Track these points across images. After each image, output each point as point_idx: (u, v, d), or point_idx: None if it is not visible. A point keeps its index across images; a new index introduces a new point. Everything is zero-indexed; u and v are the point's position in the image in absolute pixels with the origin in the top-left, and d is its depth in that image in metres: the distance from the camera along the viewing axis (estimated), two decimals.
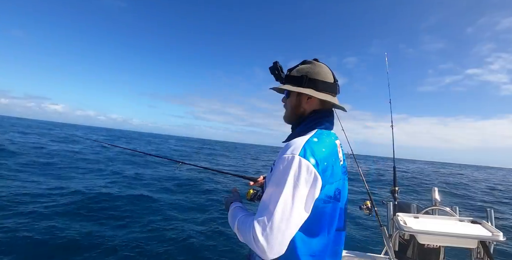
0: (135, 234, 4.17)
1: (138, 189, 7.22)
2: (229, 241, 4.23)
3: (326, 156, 0.85)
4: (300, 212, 0.77)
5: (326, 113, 1.00)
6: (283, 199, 0.75)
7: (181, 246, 3.92)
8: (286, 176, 0.77)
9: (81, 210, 4.91)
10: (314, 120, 0.97)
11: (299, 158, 0.78)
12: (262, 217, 0.75)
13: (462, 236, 1.40)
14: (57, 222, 4.22)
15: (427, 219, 1.71)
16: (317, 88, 0.95)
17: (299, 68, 1.00)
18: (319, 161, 0.80)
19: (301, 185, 0.76)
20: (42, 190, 6.00)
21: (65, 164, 10.19)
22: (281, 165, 0.80)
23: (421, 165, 45.42)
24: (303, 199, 0.77)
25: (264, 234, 0.72)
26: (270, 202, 0.77)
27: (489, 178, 23.37)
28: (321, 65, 1.00)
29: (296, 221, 0.76)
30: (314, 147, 0.83)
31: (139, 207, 5.60)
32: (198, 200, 6.73)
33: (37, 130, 31.61)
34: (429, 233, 1.44)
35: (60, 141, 19.58)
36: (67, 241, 3.65)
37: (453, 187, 13.55)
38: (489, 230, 1.45)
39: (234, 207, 1.01)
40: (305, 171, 0.77)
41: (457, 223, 1.62)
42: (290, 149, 0.82)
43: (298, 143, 0.83)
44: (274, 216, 0.73)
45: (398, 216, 1.70)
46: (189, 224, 4.87)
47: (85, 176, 8.45)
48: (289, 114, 1.05)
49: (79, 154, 13.38)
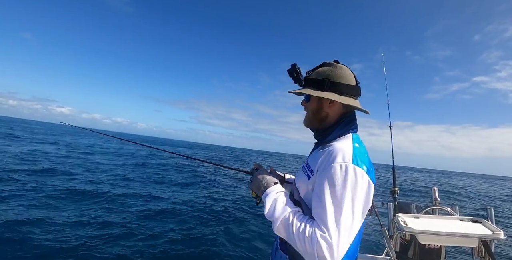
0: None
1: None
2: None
3: (369, 161, 0.84)
4: (360, 221, 0.76)
5: (353, 116, 0.98)
6: (347, 213, 0.72)
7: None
8: (345, 186, 0.73)
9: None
10: (346, 124, 0.93)
11: (353, 166, 0.75)
12: (328, 233, 0.70)
13: (463, 235, 1.40)
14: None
15: (428, 219, 1.71)
16: (339, 91, 0.92)
17: (319, 70, 0.96)
18: (369, 168, 0.79)
19: (360, 195, 0.74)
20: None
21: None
22: (335, 175, 0.75)
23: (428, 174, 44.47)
24: (362, 208, 0.76)
25: (330, 252, 0.69)
26: (331, 216, 0.72)
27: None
28: (343, 67, 0.96)
29: (356, 231, 0.75)
30: (360, 154, 0.81)
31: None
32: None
33: (92, 140, 28.92)
34: (429, 233, 1.44)
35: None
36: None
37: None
38: (489, 229, 1.45)
39: (278, 191, 0.92)
40: (361, 179, 0.75)
41: (457, 223, 1.62)
42: (340, 157, 0.78)
43: (346, 150, 0.80)
44: (341, 232, 0.70)
45: (399, 216, 1.69)
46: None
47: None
48: (310, 118, 1.00)
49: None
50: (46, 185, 6.70)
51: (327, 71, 0.94)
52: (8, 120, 75.24)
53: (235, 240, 4.51)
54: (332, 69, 0.94)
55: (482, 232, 1.42)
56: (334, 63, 0.97)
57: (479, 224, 1.56)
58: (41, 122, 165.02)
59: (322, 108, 0.96)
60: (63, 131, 41.84)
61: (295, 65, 0.98)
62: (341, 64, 0.97)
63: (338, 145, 0.83)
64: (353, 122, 0.96)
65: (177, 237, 4.30)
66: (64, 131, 42.74)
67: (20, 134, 24.09)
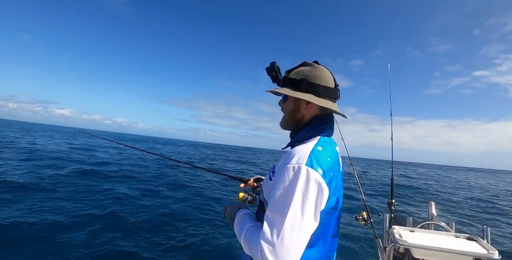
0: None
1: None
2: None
3: (331, 166, 0.80)
4: (311, 225, 0.72)
5: (328, 119, 0.94)
6: (291, 214, 0.69)
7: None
8: (294, 188, 0.70)
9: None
10: (316, 126, 0.90)
11: (306, 168, 0.72)
12: (271, 234, 0.68)
13: (457, 252, 1.39)
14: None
15: (423, 233, 1.70)
16: (317, 93, 0.89)
17: (298, 70, 0.93)
18: (326, 172, 0.75)
19: (310, 196, 0.70)
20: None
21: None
22: (287, 176, 0.73)
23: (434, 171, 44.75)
24: (312, 211, 0.71)
25: (273, 253, 0.66)
26: (277, 217, 0.70)
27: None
28: (322, 68, 0.93)
29: (306, 236, 0.71)
30: (320, 156, 0.77)
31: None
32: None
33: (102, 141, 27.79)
34: (424, 247, 1.43)
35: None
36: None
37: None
38: (484, 248, 1.44)
39: (243, 213, 0.94)
40: (313, 182, 0.71)
41: (452, 239, 1.61)
42: (295, 159, 0.75)
43: (303, 152, 0.77)
44: (284, 233, 0.67)
45: (394, 228, 1.69)
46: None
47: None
48: (286, 120, 0.98)
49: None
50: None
51: (306, 72, 0.91)
52: (31, 126, 73.78)
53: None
54: (311, 70, 0.91)
55: (477, 250, 1.41)
56: (314, 64, 0.94)
57: (474, 242, 1.55)
58: (56, 126, 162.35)
59: (299, 110, 0.93)
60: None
61: (274, 63, 0.96)
62: (321, 65, 0.94)
63: (298, 147, 0.81)
64: (325, 125, 0.92)
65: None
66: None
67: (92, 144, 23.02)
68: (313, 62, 0.96)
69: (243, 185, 1.38)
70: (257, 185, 1.37)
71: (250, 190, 1.39)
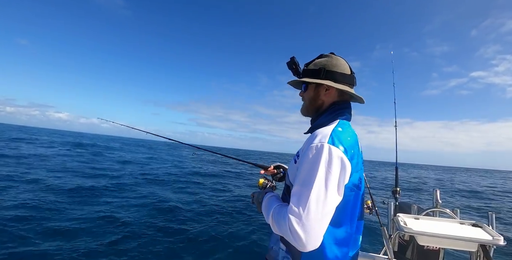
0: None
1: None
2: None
3: (352, 144, 0.85)
4: (335, 197, 0.77)
5: (346, 104, 1.02)
6: (317, 187, 0.74)
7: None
8: (318, 163, 0.76)
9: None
10: (335, 111, 0.97)
11: (328, 145, 0.78)
12: (297, 206, 0.73)
13: (462, 238, 1.39)
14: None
15: (428, 220, 1.70)
16: (335, 79, 0.97)
17: (316, 61, 1.02)
18: (347, 148, 0.81)
19: (334, 171, 0.76)
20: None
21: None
22: (310, 154, 0.79)
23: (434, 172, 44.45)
24: (336, 184, 0.76)
25: (300, 224, 0.70)
26: (303, 191, 0.75)
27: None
28: (338, 58, 1.02)
29: (331, 207, 0.76)
30: (341, 135, 0.83)
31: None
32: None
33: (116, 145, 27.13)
34: (429, 234, 1.43)
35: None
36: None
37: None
38: (490, 234, 1.44)
39: (269, 196, 1.00)
40: (336, 157, 0.77)
41: (458, 226, 1.61)
42: (318, 138, 0.82)
43: (325, 132, 0.84)
44: (310, 204, 0.72)
45: (399, 216, 1.69)
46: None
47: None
48: (307, 107, 1.05)
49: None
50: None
51: (323, 61, 1.00)
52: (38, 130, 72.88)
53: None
54: (328, 59, 1.00)
55: (482, 236, 1.41)
56: (330, 55, 1.03)
57: (479, 228, 1.55)
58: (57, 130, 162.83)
59: (318, 96, 1.01)
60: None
61: (294, 58, 1.06)
62: (337, 56, 1.03)
63: (320, 130, 0.88)
64: (343, 109, 0.99)
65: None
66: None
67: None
68: (329, 53, 1.05)
69: (263, 171, 1.41)
70: (277, 171, 1.40)
71: (270, 177, 1.41)
